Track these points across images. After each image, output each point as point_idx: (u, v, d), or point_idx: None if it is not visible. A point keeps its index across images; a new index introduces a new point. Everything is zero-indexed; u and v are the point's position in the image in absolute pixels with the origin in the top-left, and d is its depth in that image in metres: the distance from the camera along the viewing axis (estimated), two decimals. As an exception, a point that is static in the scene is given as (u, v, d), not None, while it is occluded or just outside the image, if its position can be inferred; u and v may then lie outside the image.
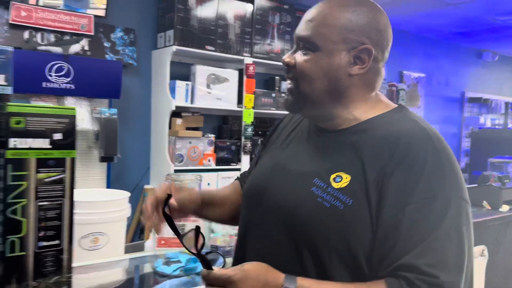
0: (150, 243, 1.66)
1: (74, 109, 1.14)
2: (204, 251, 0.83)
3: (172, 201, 0.99)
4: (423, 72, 5.44)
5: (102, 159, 2.93)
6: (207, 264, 0.81)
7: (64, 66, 2.75)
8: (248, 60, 3.43)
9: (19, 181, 1.07)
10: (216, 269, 0.80)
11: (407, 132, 0.85)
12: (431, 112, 5.54)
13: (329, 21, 0.89)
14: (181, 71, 3.32)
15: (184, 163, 3.22)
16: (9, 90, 1.20)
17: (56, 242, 1.13)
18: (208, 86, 3.29)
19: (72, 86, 2.78)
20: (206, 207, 1.09)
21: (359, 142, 0.87)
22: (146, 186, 3.29)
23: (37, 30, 2.80)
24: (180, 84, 3.20)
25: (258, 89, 3.58)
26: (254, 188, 0.99)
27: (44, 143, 1.09)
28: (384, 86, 4.69)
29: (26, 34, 2.77)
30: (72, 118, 1.13)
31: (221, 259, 0.88)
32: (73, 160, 1.14)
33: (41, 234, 1.10)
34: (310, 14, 0.92)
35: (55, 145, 1.11)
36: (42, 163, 1.09)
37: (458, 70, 5.87)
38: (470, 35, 5.34)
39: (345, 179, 0.84)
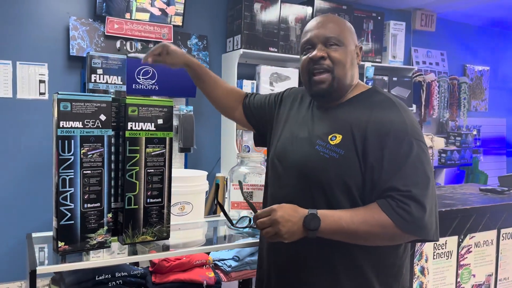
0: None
1: (171, 101, 1.52)
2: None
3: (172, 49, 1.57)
4: (487, 65, 5.39)
5: (181, 150, 3.38)
6: (254, 208, 1.21)
7: (149, 70, 3.22)
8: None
9: (134, 154, 1.46)
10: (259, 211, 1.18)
11: (378, 102, 1.24)
12: (496, 105, 5.47)
13: (343, 26, 1.28)
14: (247, 71, 3.70)
15: (250, 153, 3.58)
16: (124, 88, 1.59)
17: (159, 200, 1.52)
18: (271, 84, 3.64)
19: (156, 87, 3.25)
20: (194, 76, 1.66)
21: (348, 112, 1.26)
22: (217, 174, 3.70)
23: (126, 39, 3.30)
24: (246, 83, 3.57)
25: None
26: (279, 153, 1.37)
27: (150, 126, 1.48)
28: (445, 80, 4.76)
29: (118, 44, 3.29)
30: (170, 108, 1.51)
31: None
32: (170, 139, 1.53)
33: (149, 193, 1.50)
34: (326, 23, 1.28)
35: (158, 127, 1.49)
36: (149, 141, 1.48)
37: (526, 62, 5.73)
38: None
39: (338, 137, 1.21)
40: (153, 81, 3.23)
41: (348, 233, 1.12)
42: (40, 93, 3.10)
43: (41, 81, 3.10)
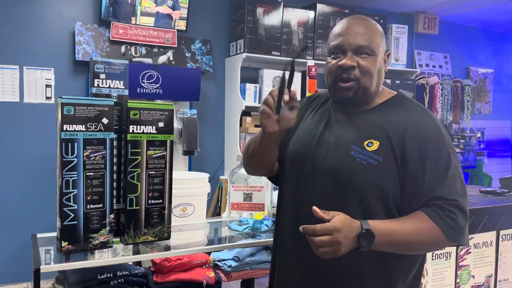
0: (224, 215, 2.07)
1: (172, 104, 1.56)
2: None
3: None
4: (491, 68, 5.39)
5: (185, 153, 3.42)
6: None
7: (154, 74, 3.27)
8: (310, 62, 3.76)
9: (135, 156, 1.50)
10: (318, 225, 1.06)
11: (413, 109, 1.23)
12: (501, 107, 5.47)
13: (375, 33, 1.25)
14: (250, 75, 3.74)
15: (254, 156, 3.61)
16: (126, 92, 1.63)
17: (160, 201, 1.55)
18: (274, 88, 3.67)
19: (160, 91, 3.30)
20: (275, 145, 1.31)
21: (380, 118, 1.23)
22: (221, 177, 3.73)
23: (131, 44, 3.35)
24: (249, 87, 3.61)
25: (319, 88, 3.89)
26: (298, 155, 1.30)
27: (152, 129, 1.52)
28: (448, 83, 4.76)
29: (123, 48, 3.34)
30: (171, 111, 1.55)
31: None
32: (171, 142, 1.57)
33: (150, 194, 1.53)
34: (359, 28, 1.23)
35: (159, 130, 1.53)
36: (151, 144, 1.52)
37: (530, 64, 5.72)
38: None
39: (375, 144, 1.19)
40: (157, 85, 3.28)
41: (398, 245, 1.12)
42: (47, 97, 3.16)
43: (47, 86, 3.16)
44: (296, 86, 3.73)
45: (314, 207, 1.09)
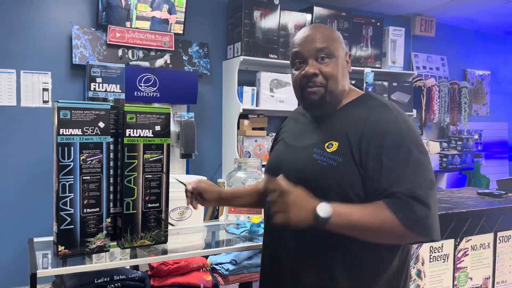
0: (222, 218, 2.07)
1: (169, 108, 1.56)
2: None
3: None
4: (487, 70, 5.41)
5: (183, 156, 3.41)
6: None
7: (151, 77, 3.27)
8: (308, 65, 3.77)
9: (132, 160, 1.49)
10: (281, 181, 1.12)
11: (372, 108, 1.24)
12: (498, 109, 5.48)
13: (331, 37, 1.28)
14: (248, 78, 3.74)
15: (247, 158, 3.61)
16: (122, 96, 1.63)
17: (157, 204, 1.55)
18: (271, 90, 3.68)
19: (158, 94, 3.30)
20: (230, 200, 1.59)
21: (342, 119, 1.26)
22: (219, 180, 3.73)
23: (128, 48, 3.36)
24: (247, 90, 3.62)
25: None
26: (274, 164, 1.39)
27: (148, 132, 1.51)
28: (446, 85, 4.78)
29: (120, 52, 3.34)
30: (167, 115, 1.55)
31: None
32: (168, 145, 1.56)
33: (147, 198, 1.53)
34: (315, 35, 1.28)
35: (156, 134, 1.53)
36: (147, 147, 1.52)
37: (527, 66, 5.74)
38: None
39: (335, 145, 1.22)
40: (155, 88, 3.28)
41: (356, 226, 1.12)
42: (44, 101, 3.16)
43: (44, 89, 3.16)
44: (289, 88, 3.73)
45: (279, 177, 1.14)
